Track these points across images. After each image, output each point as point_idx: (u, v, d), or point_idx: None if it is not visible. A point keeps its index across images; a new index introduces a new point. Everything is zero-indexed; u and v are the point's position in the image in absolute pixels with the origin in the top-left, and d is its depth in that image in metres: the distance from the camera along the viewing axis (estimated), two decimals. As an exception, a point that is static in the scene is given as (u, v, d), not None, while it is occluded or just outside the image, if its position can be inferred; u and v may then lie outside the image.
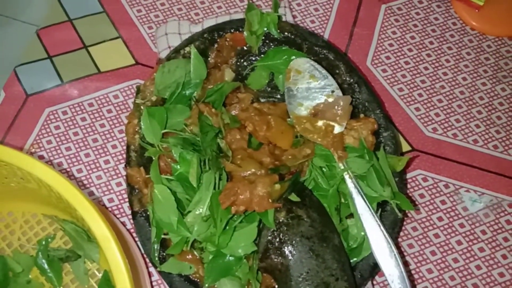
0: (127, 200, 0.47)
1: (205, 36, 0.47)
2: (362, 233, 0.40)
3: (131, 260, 0.41)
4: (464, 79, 0.54)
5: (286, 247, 0.37)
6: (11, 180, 0.39)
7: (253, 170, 0.38)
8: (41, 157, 0.49)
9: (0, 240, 0.43)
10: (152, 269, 0.44)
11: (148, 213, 0.41)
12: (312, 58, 0.46)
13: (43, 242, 0.42)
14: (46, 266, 0.41)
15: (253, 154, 0.40)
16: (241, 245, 0.37)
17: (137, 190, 0.42)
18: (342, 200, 0.41)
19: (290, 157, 0.41)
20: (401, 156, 0.43)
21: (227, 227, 0.38)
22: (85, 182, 0.48)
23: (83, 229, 0.41)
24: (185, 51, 0.46)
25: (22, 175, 0.36)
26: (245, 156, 0.40)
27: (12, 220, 0.44)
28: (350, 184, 0.40)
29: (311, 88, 0.43)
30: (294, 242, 0.36)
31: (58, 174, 0.33)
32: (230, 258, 0.38)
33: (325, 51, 0.46)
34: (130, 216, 0.46)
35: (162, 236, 0.39)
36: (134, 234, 0.46)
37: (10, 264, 0.41)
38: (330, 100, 0.42)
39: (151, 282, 0.44)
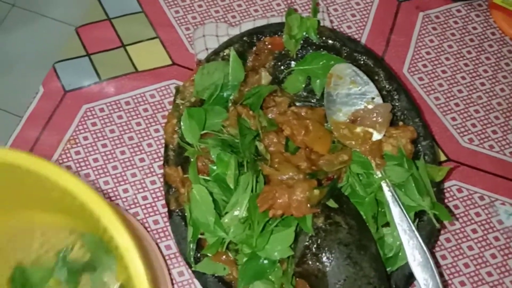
0: (160, 198, 0.48)
1: (244, 39, 0.47)
2: (398, 243, 0.39)
3: (152, 268, 0.41)
4: (502, 90, 0.53)
5: (324, 254, 0.36)
6: (34, 189, 0.39)
7: (291, 174, 0.38)
8: (77, 153, 0.50)
9: (19, 250, 0.43)
10: (179, 270, 0.45)
11: (184, 212, 0.41)
12: (351, 63, 0.46)
13: (61, 254, 0.41)
14: (63, 278, 0.40)
15: (290, 158, 0.40)
16: (277, 248, 0.37)
17: (174, 189, 0.42)
18: (379, 209, 0.40)
19: (327, 162, 0.41)
20: (442, 166, 0.42)
21: (264, 230, 0.38)
22: (120, 179, 0.49)
23: (101, 241, 0.41)
24: (224, 54, 0.46)
25: (47, 184, 0.36)
26: (283, 160, 0.40)
27: (30, 230, 0.44)
28: (387, 192, 0.40)
29: (351, 94, 0.43)
30: (332, 248, 0.36)
31: (84, 185, 0.33)
32: (265, 261, 0.38)
33: (364, 57, 0.46)
34: (163, 215, 0.47)
35: (199, 236, 0.39)
36: (159, 235, 0.46)
37: (28, 275, 0.41)
38: (370, 106, 0.42)
39: (172, 285, 0.44)
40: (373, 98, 0.43)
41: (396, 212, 0.39)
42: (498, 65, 0.55)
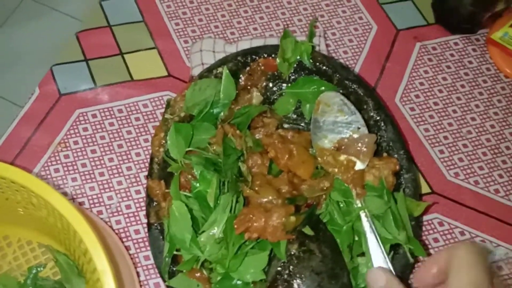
0: (144, 208, 0.48)
1: (238, 58, 0.48)
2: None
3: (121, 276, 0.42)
4: (492, 126, 0.54)
5: (294, 280, 0.37)
6: (22, 205, 0.39)
7: (270, 197, 0.39)
8: (66, 156, 0.51)
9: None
10: (156, 281, 0.45)
11: (163, 226, 0.42)
12: (341, 91, 0.47)
13: (33, 270, 0.42)
14: None
15: (272, 181, 0.41)
16: (250, 271, 0.37)
17: (155, 203, 0.43)
18: (356, 238, 0.41)
19: (308, 188, 0.41)
20: (421, 202, 0.42)
21: (239, 252, 0.38)
22: (106, 186, 0.49)
23: (74, 263, 0.41)
24: (218, 71, 0.47)
25: (37, 202, 0.37)
26: (264, 182, 0.40)
27: (7, 244, 0.44)
28: (365, 222, 0.40)
29: (338, 122, 0.43)
30: (303, 276, 0.37)
31: (73, 207, 0.34)
32: (238, 282, 0.39)
33: (355, 86, 0.47)
34: (145, 225, 0.47)
35: (174, 252, 0.39)
36: (139, 245, 0.46)
37: None
38: (355, 136, 0.43)
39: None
40: (359, 128, 0.43)
41: (372, 243, 0.39)
42: (491, 101, 0.55)
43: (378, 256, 0.39)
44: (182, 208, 0.39)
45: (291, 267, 0.37)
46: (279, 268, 0.37)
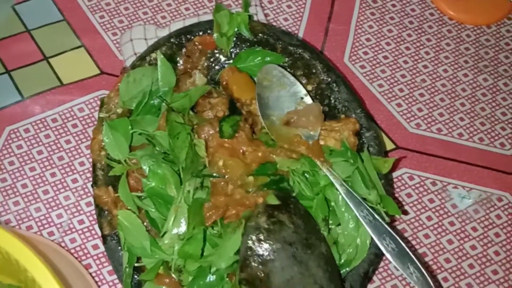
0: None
1: (172, 40, 0.44)
2: (351, 243, 0.37)
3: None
4: (445, 71, 0.53)
5: (267, 254, 0.34)
6: None
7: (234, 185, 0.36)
8: (3, 180, 0.46)
9: None
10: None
11: (119, 235, 0.38)
12: (287, 58, 0.44)
13: None
14: None
15: (232, 145, 0.38)
16: (224, 258, 0.34)
17: (106, 212, 0.39)
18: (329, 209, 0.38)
19: (280, 151, 0.38)
20: (387, 158, 0.41)
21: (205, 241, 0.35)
22: (53, 204, 0.45)
23: None
24: (151, 58, 0.43)
25: None
26: (226, 153, 0.37)
27: None
28: (340, 187, 0.37)
29: (281, 96, 0.41)
30: (275, 248, 0.34)
31: (8, 234, 0.30)
32: (211, 277, 0.36)
33: (300, 50, 0.44)
34: (102, 240, 0.43)
35: (136, 264, 0.36)
36: (100, 261, 0.43)
37: None
38: (300, 107, 0.41)
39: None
40: (302, 98, 0.41)
41: (355, 205, 0.37)
42: (439, 45, 0.54)
43: (365, 215, 0.36)
44: (129, 216, 0.36)
45: (261, 241, 0.34)
46: (249, 244, 0.34)
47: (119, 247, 0.38)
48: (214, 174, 0.37)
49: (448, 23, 0.55)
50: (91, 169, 0.46)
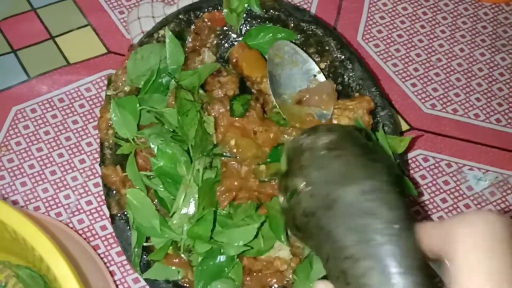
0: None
1: (180, 17, 0.43)
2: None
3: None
4: (462, 50, 0.51)
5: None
6: None
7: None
8: (10, 161, 0.45)
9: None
10: (134, 276, 0.41)
11: (128, 215, 0.37)
12: (299, 35, 0.43)
13: None
14: None
15: (243, 125, 0.36)
16: (234, 244, 0.33)
17: (114, 191, 0.38)
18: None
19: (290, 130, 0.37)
20: (403, 137, 0.39)
21: (216, 223, 0.34)
22: (60, 185, 0.44)
23: (39, 274, 0.37)
24: (159, 35, 0.42)
25: None
26: (238, 134, 0.36)
27: None
28: None
29: (293, 74, 0.40)
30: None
31: (16, 212, 0.30)
32: (221, 258, 0.35)
33: (313, 27, 0.43)
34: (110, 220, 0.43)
35: (145, 243, 0.35)
36: (108, 242, 0.42)
37: None
38: (312, 86, 0.40)
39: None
40: (314, 76, 0.40)
41: None
42: (455, 24, 0.52)
43: None
44: (138, 194, 0.35)
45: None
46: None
47: (128, 227, 0.37)
48: (226, 154, 0.36)
49: (465, 0, 0.53)
50: (98, 149, 0.45)
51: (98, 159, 0.45)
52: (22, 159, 0.45)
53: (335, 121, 0.39)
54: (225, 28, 0.44)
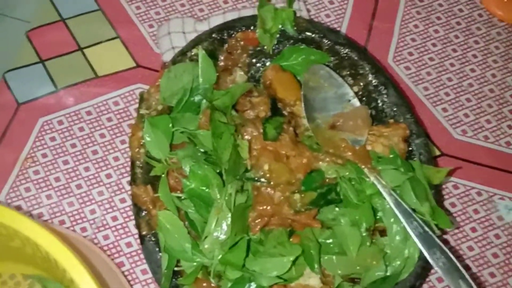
0: (132, 217, 0.43)
1: (213, 36, 0.42)
2: (397, 255, 0.36)
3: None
4: (494, 75, 0.50)
5: None
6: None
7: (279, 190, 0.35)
8: (36, 173, 0.45)
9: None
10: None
11: (157, 236, 0.37)
12: (332, 57, 0.42)
13: None
14: None
15: (276, 148, 0.36)
16: (268, 275, 0.33)
17: (144, 212, 0.38)
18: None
19: (325, 157, 0.37)
20: (440, 167, 0.39)
21: (249, 251, 0.34)
22: (86, 199, 0.44)
23: None
24: (192, 53, 0.42)
25: (7, 233, 0.32)
26: (271, 157, 0.35)
27: None
28: (388, 196, 0.36)
29: (328, 98, 0.40)
30: None
31: (47, 232, 0.30)
32: (252, 285, 0.34)
33: (347, 50, 0.42)
34: (136, 236, 0.42)
35: (175, 268, 0.35)
36: (133, 259, 0.42)
37: None
38: (347, 110, 0.39)
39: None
40: (349, 100, 0.40)
41: (405, 216, 0.35)
42: (488, 49, 0.51)
43: (415, 228, 0.35)
44: (170, 217, 0.34)
45: None
46: None
47: (157, 249, 0.37)
48: (260, 179, 0.35)
49: (498, 25, 0.52)
50: (125, 164, 0.45)
51: (125, 174, 0.45)
52: (48, 172, 0.45)
53: (369, 147, 0.38)
54: (257, 48, 0.44)
